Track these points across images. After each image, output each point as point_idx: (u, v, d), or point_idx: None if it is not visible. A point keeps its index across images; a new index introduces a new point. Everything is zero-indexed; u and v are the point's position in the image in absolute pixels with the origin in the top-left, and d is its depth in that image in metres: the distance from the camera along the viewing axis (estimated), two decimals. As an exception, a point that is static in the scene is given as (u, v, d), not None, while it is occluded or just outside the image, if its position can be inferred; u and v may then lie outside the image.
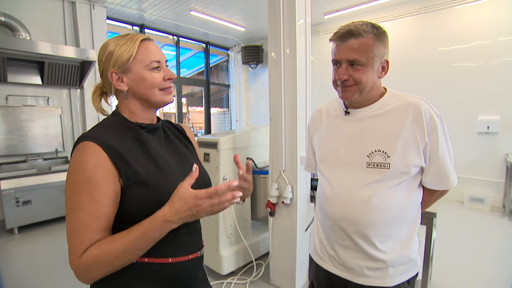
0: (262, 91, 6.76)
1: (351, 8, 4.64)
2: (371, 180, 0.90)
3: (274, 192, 2.12)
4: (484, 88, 3.94)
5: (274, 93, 2.11)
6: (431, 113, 0.88)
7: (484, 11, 3.88)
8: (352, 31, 0.86)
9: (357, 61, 0.87)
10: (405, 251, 0.93)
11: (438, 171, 0.90)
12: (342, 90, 0.92)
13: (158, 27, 5.44)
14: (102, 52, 0.76)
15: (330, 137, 1.03)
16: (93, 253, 0.63)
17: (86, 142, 0.67)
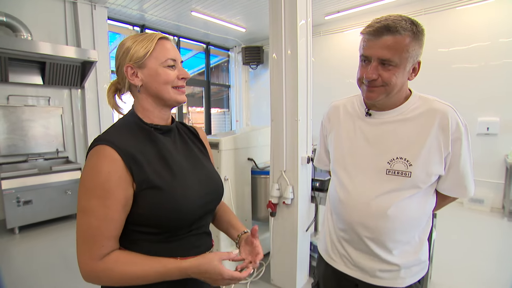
0: (262, 92, 6.77)
1: (352, 9, 4.65)
2: (390, 189, 0.87)
3: (275, 192, 2.13)
4: (483, 89, 3.95)
5: (275, 94, 2.12)
6: (457, 122, 0.84)
7: (484, 13, 3.90)
8: (390, 26, 0.77)
9: (389, 61, 0.79)
10: (417, 254, 0.93)
11: (456, 180, 0.88)
12: (368, 90, 0.86)
13: (159, 27, 5.45)
14: (120, 48, 0.77)
15: (348, 138, 0.98)
16: (112, 266, 0.66)
17: (102, 146, 0.67)
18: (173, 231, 0.74)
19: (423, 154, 0.84)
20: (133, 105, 0.81)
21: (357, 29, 5.09)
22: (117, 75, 0.80)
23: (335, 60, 5.32)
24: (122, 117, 0.80)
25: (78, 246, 0.66)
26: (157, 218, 0.70)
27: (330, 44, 5.34)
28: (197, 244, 0.79)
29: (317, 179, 2.26)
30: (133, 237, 0.71)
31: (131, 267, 0.66)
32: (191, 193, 0.76)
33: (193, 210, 0.76)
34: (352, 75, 5.68)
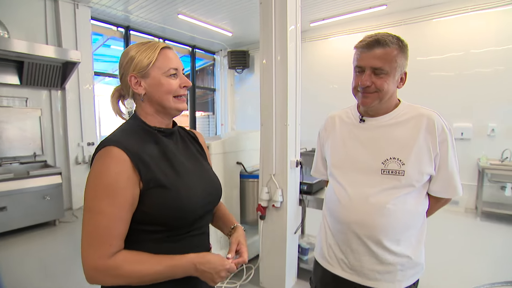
0: (247, 96, 6.82)
1: (337, 17, 4.82)
2: (386, 187, 0.94)
3: (264, 196, 2.16)
4: (458, 96, 4.21)
5: (265, 99, 2.16)
6: (443, 126, 0.93)
7: (458, 25, 4.17)
8: (379, 40, 0.90)
9: (381, 69, 0.90)
10: (414, 256, 0.98)
11: (445, 180, 0.95)
12: (363, 96, 0.95)
13: (144, 29, 5.38)
14: (123, 57, 0.80)
15: (344, 144, 1.06)
16: (120, 264, 0.67)
17: (111, 147, 0.70)
18: (175, 230, 0.77)
19: (414, 154, 0.93)
20: (136, 110, 0.84)
21: (340, 36, 5.28)
22: (121, 82, 0.83)
23: (320, 66, 5.47)
24: (126, 121, 0.83)
25: (85, 246, 0.67)
26: (162, 216, 0.73)
27: (315, 51, 5.48)
28: (197, 245, 0.82)
29: (305, 183, 2.32)
30: (136, 237, 0.73)
31: (139, 265, 0.68)
32: (195, 192, 0.80)
33: (195, 209, 0.79)
34: (336, 80, 5.92)
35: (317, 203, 2.30)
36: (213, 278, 0.74)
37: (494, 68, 3.97)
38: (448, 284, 2.33)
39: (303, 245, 2.44)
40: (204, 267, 0.73)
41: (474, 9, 4.03)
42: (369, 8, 4.42)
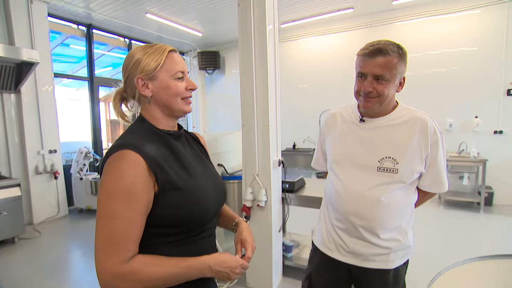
0: (219, 97, 6.79)
1: (306, 19, 4.99)
2: (380, 182, 1.04)
3: (248, 196, 2.18)
4: (419, 94, 4.56)
5: (246, 100, 2.18)
6: (435, 129, 1.03)
7: (417, 29, 4.54)
8: (381, 49, 0.97)
9: (382, 76, 0.98)
10: (404, 240, 1.10)
11: (434, 177, 1.06)
12: (365, 100, 1.04)
13: (108, 27, 5.13)
14: (129, 59, 0.80)
15: (344, 140, 1.14)
16: (138, 268, 0.66)
17: (126, 151, 0.69)
18: (188, 232, 0.78)
19: (407, 154, 1.02)
20: (141, 113, 0.84)
21: (310, 38, 5.47)
22: (126, 85, 0.82)
23: (290, 66, 5.62)
24: (134, 124, 0.82)
25: (100, 252, 0.66)
26: (177, 217, 0.74)
27: (284, 52, 5.61)
28: (206, 247, 0.83)
29: (287, 181, 2.38)
30: (148, 242, 0.73)
31: (156, 268, 0.68)
32: (207, 194, 0.81)
33: (209, 210, 0.81)
34: (306, 81, 6.12)
35: (299, 201, 2.37)
36: (229, 276, 0.77)
37: (449, 68, 4.39)
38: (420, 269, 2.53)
39: (286, 243, 2.50)
40: (219, 267, 0.75)
41: (431, 15, 4.42)
42: (337, 10, 4.64)
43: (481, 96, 4.23)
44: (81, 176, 4.33)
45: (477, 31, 4.20)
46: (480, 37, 4.18)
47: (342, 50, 5.15)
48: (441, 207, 4.10)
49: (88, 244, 3.35)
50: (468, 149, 4.12)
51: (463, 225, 3.54)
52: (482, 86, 4.22)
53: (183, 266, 0.71)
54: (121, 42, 5.59)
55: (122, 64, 0.81)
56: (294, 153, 5.45)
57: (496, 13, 4.07)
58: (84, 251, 3.23)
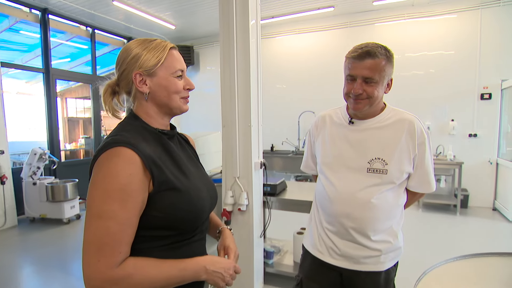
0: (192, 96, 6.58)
1: (285, 16, 5.13)
2: (370, 184, 1.12)
3: (229, 200, 2.22)
4: (398, 96, 4.84)
5: (227, 99, 2.22)
6: (421, 129, 1.12)
7: (396, 30, 4.86)
8: (370, 52, 1.05)
9: (371, 79, 1.06)
10: (395, 241, 1.18)
11: (421, 177, 1.15)
12: (355, 102, 1.11)
13: (67, 14, 4.92)
14: (126, 53, 0.81)
15: (334, 143, 1.22)
16: (131, 271, 0.68)
17: (121, 148, 0.70)
18: (181, 235, 0.80)
19: (396, 155, 1.11)
20: (133, 109, 0.85)
21: (289, 36, 5.63)
22: (121, 79, 0.83)
23: (267, 65, 5.71)
24: (126, 121, 0.83)
25: (90, 254, 0.66)
26: (172, 219, 0.76)
27: (262, 49, 5.71)
28: (198, 252, 0.86)
29: (268, 184, 2.45)
30: (138, 245, 0.74)
31: (150, 270, 0.70)
32: (202, 195, 0.85)
33: (204, 212, 0.85)
34: (283, 80, 6.27)
35: (281, 204, 2.45)
36: (223, 277, 0.80)
37: (427, 71, 4.73)
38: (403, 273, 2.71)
39: (267, 249, 2.57)
40: (214, 267, 0.78)
41: (410, 17, 4.75)
42: (318, 9, 4.83)
43: (456, 100, 4.62)
44: (35, 180, 4.11)
45: (454, 35, 4.58)
46: (456, 41, 4.57)
47: (322, 50, 5.35)
48: (420, 210, 4.40)
49: (42, 259, 3.15)
50: (445, 152, 4.46)
51: (441, 228, 3.83)
52: (457, 90, 4.60)
53: (178, 267, 0.73)
54: (82, 31, 5.38)
55: (118, 58, 0.82)
56: (272, 155, 5.56)
57: (471, 19, 4.47)
58: (37, 268, 3.02)
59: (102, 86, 0.85)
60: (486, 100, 4.47)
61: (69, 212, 4.17)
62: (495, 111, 4.44)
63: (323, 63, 5.27)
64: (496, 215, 4.25)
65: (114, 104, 0.86)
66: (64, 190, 4.10)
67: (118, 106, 0.87)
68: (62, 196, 4.08)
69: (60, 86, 6.44)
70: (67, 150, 6.49)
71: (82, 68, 6.14)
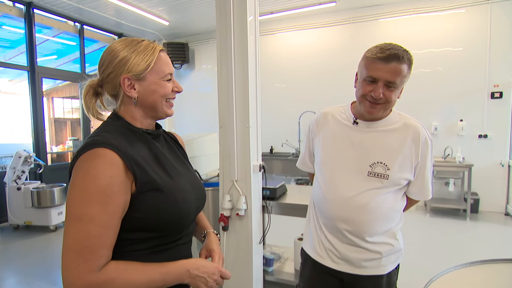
0: (187, 96, 6.75)
1: (285, 12, 5.18)
2: (370, 187, 1.15)
3: (226, 204, 2.24)
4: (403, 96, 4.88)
5: (224, 98, 2.24)
6: (426, 137, 1.16)
7: (401, 26, 4.91)
8: (398, 55, 1.04)
9: (393, 83, 1.07)
10: (395, 243, 1.22)
11: (421, 185, 1.20)
12: (371, 106, 1.11)
13: (53, 8, 4.94)
14: (111, 55, 0.82)
15: (335, 142, 1.24)
16: (113, 276, 0.70)
17: (101, 149, 0.71)
18: (165, 237, 0.82)
19: (399, 161, 1.14)
20: (116, 110, 0.86)
21: (289, 32, 5.68)
22: (106, 82, 0.84)
23: (266, 63, 5.75)
24: (108, 121, 0.85)
25: (70, 259, 0.67)
26: (155, 221, 0.78)
27: (261, 46, 5.76)
28: (183, 255, 0.88)
29: (267, 188, 2.47)
30: (120, 248, 0.76)
31: (133, 274, 0.72)
32: (188, 196, 0.87)
33: (189, 213, 0.87)
34: (283, 79, 6.31)
35: (281, 209, 2.47)
36: (207, 282, 0.82)
37: (434, 69, 4.78)
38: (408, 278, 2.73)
39: (267, 256, 2.59)
40: (197, 272, 0.80)
41: (416, 12, 4.81)
42: (319, 4, 4.88)
43: (465, 99, 4.66)
44: (19, 185, 4.12)
45: (462, 31, 4.63)
46: (465, 38, 4.62)
47: (323, 47, 5.40)
48: (427, 215, 4.44)
49: (27, 270, 3.15)
50: (454, 154, 4.50)
51: (450, 233, 3.87)
52: (466, 88, 4.65)
53: (160, 271, 0.76)
54: (70, 26, 5.41)
55: (102, 58, 0.83)
56: (272, 157, 5.58)
57: (481, 14, 4.53)
58: (21, 279, 3.03)
59: (83, 87, 0.85)
60: (496, 99, 4.51)
61: (56, 219, 4.17)
62: (506, 111, 4.49)
63: (325, 61, 5.32)
64: (508, 220, 4.29)
65: (98, 106, 0.87)
66: (51, 196, 4.11)
67: (101, 108, 0.88)
68: (48, 201, 4.09)
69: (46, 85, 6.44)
70: (54, 153, 6.50)
71: (70, 66, 6.16)
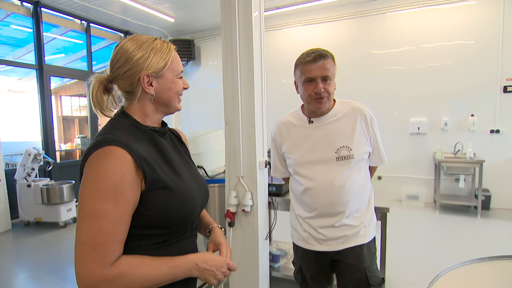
0: (193, 93, 6.79)
1: (292, 7, 5.17)
2: (343, 170, 1.38)
3: (232, 200, 2.27)
4: (412, 91, 4.88)
5: (229, 95, 2.27)
6: (371, 114, 1.43)
7: (410, 20, 4.85)
8: (322, 54, 1.32)
9: (328, 77, 1.33)
10: (368, 213, 1.48)
11: (378, 153, 1.47)
12: (317, 101, 1.35)
13: (60, 7, 5.02)
14: (128, 52, 0.83)
15: (301, 144, 1.47)
16: (125, 270, 0.73)
17: (112, 147, 0.74)
18: (173, 233, 0.85)
19: (356, 139, 1.39)
20: (126, 107, 0.89)
21: (295, 27, 5.66)
22: (120, 78, 0.85)
23: (272, 59, 5.74)
24: (116, 119, 0.87)
25: (83, 254, 0.70)
26: (163, 218, 0.81)
27: (267, 42, 5.72)
28: (189, 249, 0.91)
29: (273, 184, 2.50)
30: (130, 244, 0.79)
31: (144, 269, 0.75)
32: (194, 194, 0.90)
33: (195, 211, 0.91)
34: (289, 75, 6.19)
35: (287, 205, 2.49)
36: (215, 275, 0.85)
37: (444, 63, 4.72)
38: (417, 275, 2.73)
39: (273, 252, 2.62)
40: (206, 265, 0.83)
41: (426, 5, 4.74)
42: (326, -3, 4.86)
43: (476, 93, 4.59)
44: (29, 182, 4.22)
45: (473, 24, 4.55)
46: (476, 30, 4.54)
47: (330, 42, 5.35)
48: (437, 211, 4.40)
49: (38, 265, 3.24)
50: (464, 149, 4.45)
51: (460, 231, 3.83)
52: (477, 83, 4.58)
53: (170, 265, 0.79)
54: (76, 24, 5.49)
55: (116, 55, 0.84)
56: (279, 155, 5.59)
57: (493, 5, 4.44)
58: (32, 275, 3.11)
59: (90, 83, 0.86)
60: (509, 93, 4.44)
61: (65, 215, 4.27)
62: (519, 105, 4.41)
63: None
64: (521, 217, 4.24)
65: (110, 103, 0.89)
66: (60, 192, 4.20)
67: (112, 104, 0.90)
68: (58, 198, 4.19)
69: (54, 83, 6.56)
70: (63, 151, 6.62)
71: (77, 64, 6.25)
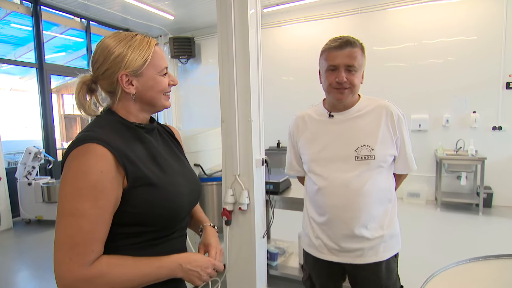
0: (193, 90, 6.81)
1: (292, 3, 5.15)
2: (361, 170, 1.24)
3: (229, 198, 2.27)
4: (414, 87, 4.85)
5: (225, 93, 2.26)
6: (398, 113, 1.27)
7: (412, 16, 4.81)
8: (349, 41, 1.20)
9: (353, 67, 1.19)
10: (391, 227, 1.30)
11: (405, 158, 1.30)
12: (338, 92, 1.23)
13: (59, 5, 5.04)
14: (106, 51, 0.81)
15: (318, 139, 1.34)
16: (104, 270, 0.71)
17: (92, 144, 0.73)
18: (159, 231, 0.84)
19: (380, 140, 1.25)
20: (110, 105, 0.88)
21: (296, 24, 5.64)
22: (100, 78, 0.84)
23: (272, 56, 5.75)
24: (101, 116, 0.86)
25: (62, 253, 0.69)
26: (148, 215, 0.79)
27: (267, 39, 5.73)
28: (177, 249, 0.89)
29: (271, 182, 2.50)
30: (112, 243, 0.78)
31: (125, 269, 0.74)
32: (181, 190, 0.88)
33: (183, 208, 0.89)
34: (291, 73, 6.28)
35: (284, 203, 2.49)
36: (200, 276, 0.84)
37: (445, 59, 4.68)
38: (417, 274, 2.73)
39: (271, 250, 2.62)
40: (190, 266, 0.82)
41: (426, 0, 4.69)
42: (326, -6, 4.83)
43: (479, 90, 4.55)
44: (30, 181, 4.25)
45: (476, 19, 4.50)
46: (479, 26, 4.49)
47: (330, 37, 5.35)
48: (438, 209, 4.38)
49: (39, 262, 3.27)
50: (466, 146, 4.42)
51: (461, 228, 3.82)
52: (480, 79, 4.53)
53: (153, 265, 0.77)
54: (76, 23, 5.51)
55: (95, 54, 0.83)
56: (279, 152, 5.59)
57: (496, 0, 4.38)
58: (34, 272, 3.14)
59: (74, 83, 0.84)
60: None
61: (66, 214, 4.29)
62: (522, 101, 4.37)
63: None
64: (523, 215, 4.21)
65: (93, 103, 0.87)
66: (60, 191, 4.22)
67: (96, 105, 0.88)
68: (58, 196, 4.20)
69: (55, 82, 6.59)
70: (64, 149, 6.66)
71: (79, 62, 6.27)
